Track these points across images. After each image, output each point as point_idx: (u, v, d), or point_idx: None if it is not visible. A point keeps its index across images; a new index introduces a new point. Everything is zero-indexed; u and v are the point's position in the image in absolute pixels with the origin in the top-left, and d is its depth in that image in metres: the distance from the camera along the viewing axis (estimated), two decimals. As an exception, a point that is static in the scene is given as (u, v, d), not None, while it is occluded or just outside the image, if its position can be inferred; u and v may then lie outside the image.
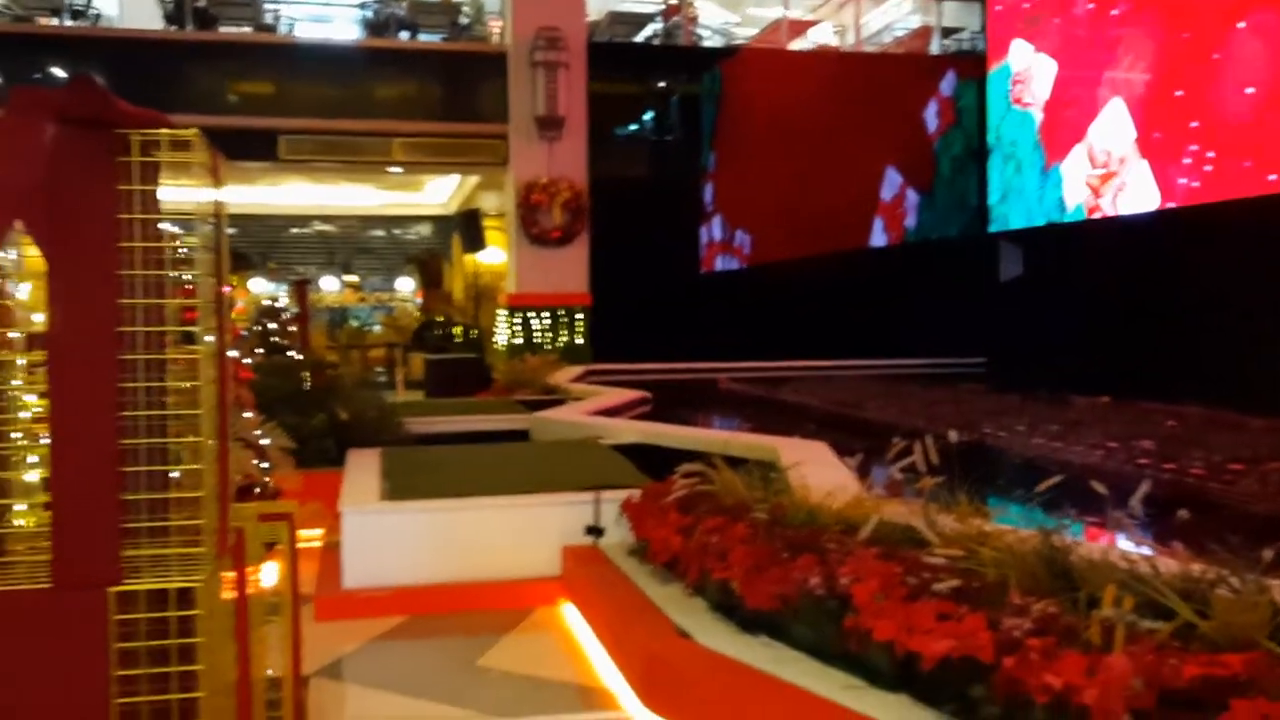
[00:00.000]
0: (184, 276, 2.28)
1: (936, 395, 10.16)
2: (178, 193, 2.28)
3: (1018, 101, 13.09)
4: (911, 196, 14.30)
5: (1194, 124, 10.15)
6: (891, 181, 14.32)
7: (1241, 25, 9.57)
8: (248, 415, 5.78)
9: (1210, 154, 9.94)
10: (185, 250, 2.30)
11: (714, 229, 15.49)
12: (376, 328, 18.67)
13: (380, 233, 20.42)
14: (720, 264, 15.41)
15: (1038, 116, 12.69)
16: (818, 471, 4.69)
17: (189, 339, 2.27)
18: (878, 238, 14.40)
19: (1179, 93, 10.36)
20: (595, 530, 4.79)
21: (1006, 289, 14.04)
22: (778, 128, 14.12)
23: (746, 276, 14.77)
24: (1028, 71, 12.88)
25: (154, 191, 2.18)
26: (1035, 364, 12.44)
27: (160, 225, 2.22)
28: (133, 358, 2.08)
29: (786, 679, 2.88)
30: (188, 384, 2.17)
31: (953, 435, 3.93)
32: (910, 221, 14.30)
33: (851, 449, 4.97)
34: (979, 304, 13.90)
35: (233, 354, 4.27)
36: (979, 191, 14.03)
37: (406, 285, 19.98)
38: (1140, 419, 8.09)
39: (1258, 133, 9.39)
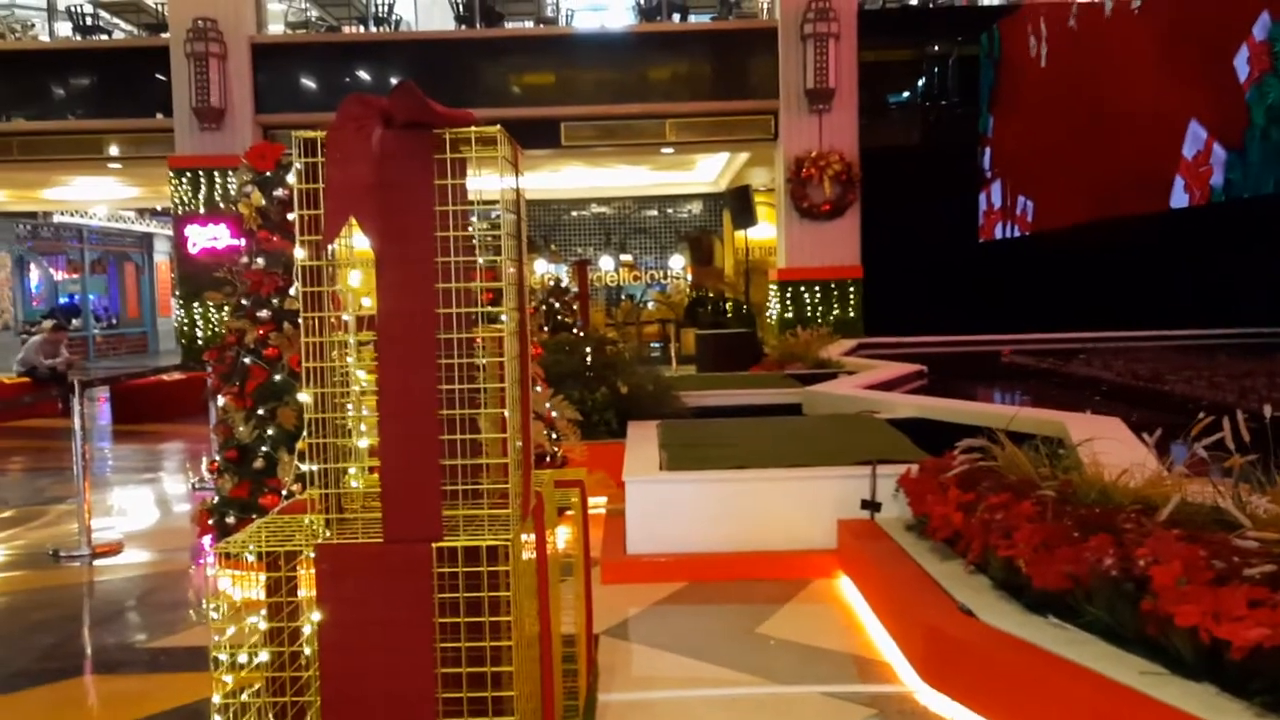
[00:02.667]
0: (489, 261, 2.48)
1: (1248, 367, 9.30)
2: (483, 182, 2.48)
3: (1349, 40, 11.65)
4: (1219, 152, 13.05)
5: None
6: (1195, 136, 13.13)
7: None
8: (538, 389, 6.17)
9: None
10: (490, 236, 2.50)
11: (993, 195, 14.82)
12: (650, 305, 19.22)
13: (653, 212, 20.96)
14: (1000, 232, 14.73)
15: (1375, 55, 11.25)
16: (1111, 449, 4.44)
17: (493, 319, 2.47)
18: (1178, 198, 13.26)
19: None
20: (872, 505, 4.77)
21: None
22: (1062, 86, 13.28)
23: (1030, 244, 14.04)
24: (1362, 5, 11.43)
25: (464, 184, 2.39)
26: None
27: (469, 214, 2.43)
28: (447, 337, 2.29)
29: (1079, 661, 2.78)
30: (495, 360, 2.37)
31: (1268, 410, 3.61)
32: (1217, 179, 13.06)
33: (1150, 425, 4.66)
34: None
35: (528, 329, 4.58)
36: (1301, 144, 12.61)
37: (679, 263, 20.43)
38: None
39: None
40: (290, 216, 2.22)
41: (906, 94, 15.71)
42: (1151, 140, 13.33)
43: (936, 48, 15.28)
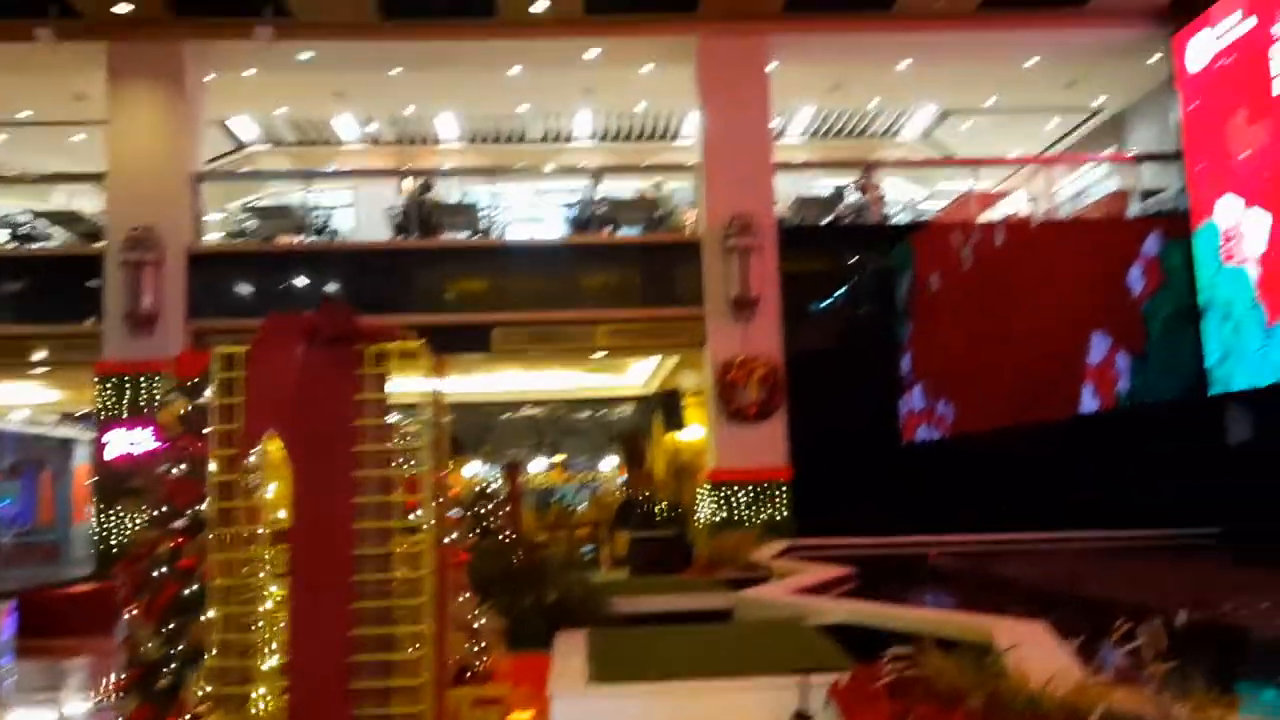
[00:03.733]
0: (408, 469, 2.49)
1: (1166, 569, 9.46)
2: (406, 389, 2.51)
3: (1229, 259, 12.54)
4: (1122, 360, 13.72)
5: None
6: (1099, 345, 13.81)
7: None
8: (463, 598, 6.04)
9: None
10: (410, 443, 2.52)
11: (915, 399, 15.25)
12: (582, 506, 19.11)
13: (585, 414, 21.14)
14: (922, 434, 15.09)
15: (1254, 272, 12.08)
16: (1037, 655, 4.44)
17: (412, 529, 2.46)
18: (1088, 403, 13.80)
19: None
20: (804, 717, 4.67)
21: (1236, 453, 13.06)
22: (974, 297, 13.98)
23: (951, 446, 14.37)
24: (1238, 228, 12.37)
25: (386, 397, 2.43)
26: (1274, 535, 11.42)
27: (389, 424, 2.46)
28: (363, 553, 2.27)
29: None
30: (412, 576, 2.35)
31: (1181, 616, 3.68)
32: (1123, 385, 13.67)
33: (1071, 629, 4.69)
34: (1206, 470, 12.96)
35: (450, 539, 4.51)
36: (1196, 353, 13.33)
37: (610, 464, 20.47)
38: None
39: None
40: (204, 431, 2.25)
41: (828, 302, 16.35)
42: (1061, 348, 13.97)
43: (854, 259, 16.04)
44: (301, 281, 14.29)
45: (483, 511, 10.45)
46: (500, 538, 9.45)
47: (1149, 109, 16.31)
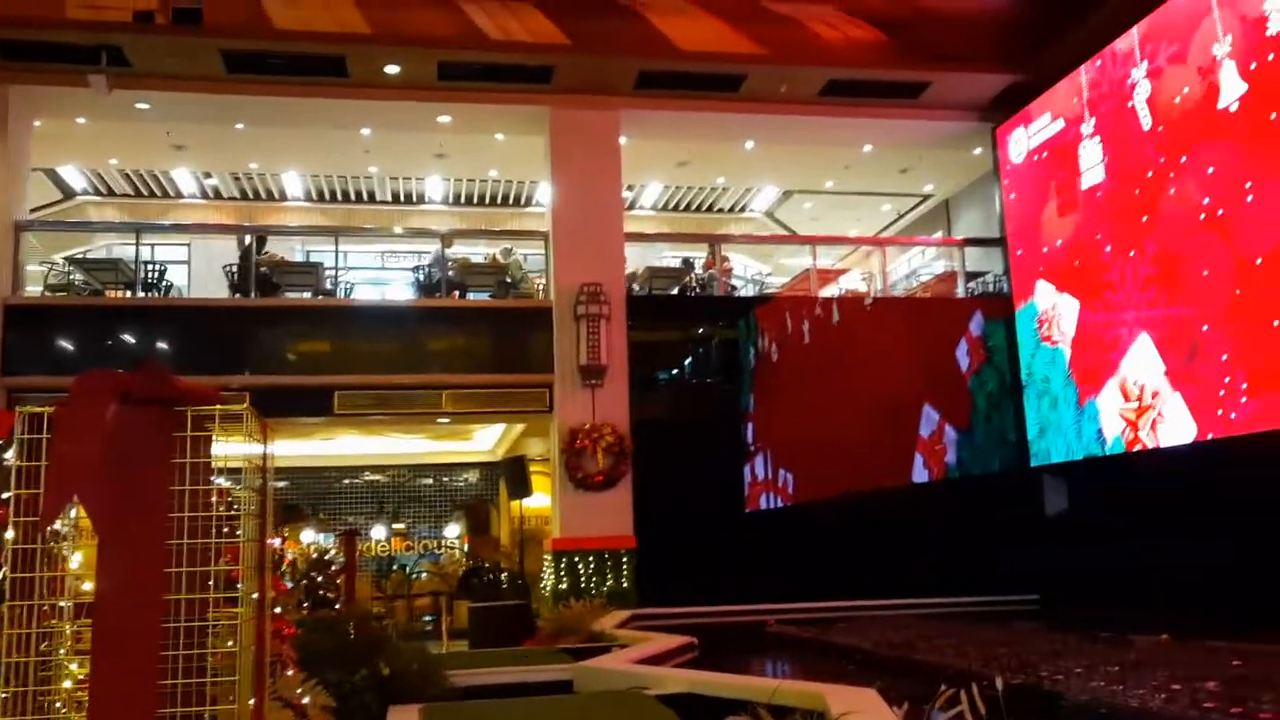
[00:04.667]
0: (230, 537, 2.39)
1: (990, 635, 9.86)
2: (231, 453, 2.42)
3: (1046, 339, 13.38)
4: (950, 433, 14.39)
5: (1224, 357, 10.29)
6: (929, 419, 14.46)
7: (1259, 261, 9.87)
8: (289, 673, 5.76)
9: (1244, 385, 10.02)
10: (233, 510, 2.42)
11: (757, 468, 15.58)
12: (424, 575, 18.62)
13: (429, 481, 20.72)
14: (764, 503, 15.40)
15: (1067, 352, 12.93)
16: (865, 721, 4.55)
17: (232, 600, 2.35)
18: (919, 474, 14.38)
19: (1205, 327, 10.56)
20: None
21: (1053, 523, 13.82)
22: (813, 369, 14.45)
23: (791, 515, 14.71)
24: (1053, 310, 13.24)
25: (206, 462, 2.33)
26: (1089, 600, 12.08)
27: (210, 490, 2.36)
28: (176, 625, 2.16)
29: None
30: (228, 650, 2.25)
31: (999, 681, 3.84)
32: (951, 458, 14.32)
33: (901, 695, 4.83)
34: (1027, 539, 13.66)
35: (276, 610, 4.33)
36: (1017, 427, 14.11)
37: (454, 532, 20.07)
38: (1204, 658, 7.79)
39: (1289, 362, 9.48)
40: (4, 495, 2.10)
41: (675, 371, 16.62)
42: (894, 421, 14.55)
43: (701, 330, 16.39)
44: (130, 338, 13.64)
45: (316, 580, 10.08)
46: (333, 608, 9.11)
47: (975, 196, 17.37)
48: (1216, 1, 10.51)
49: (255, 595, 2.35)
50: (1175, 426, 10.94)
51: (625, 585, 13.69)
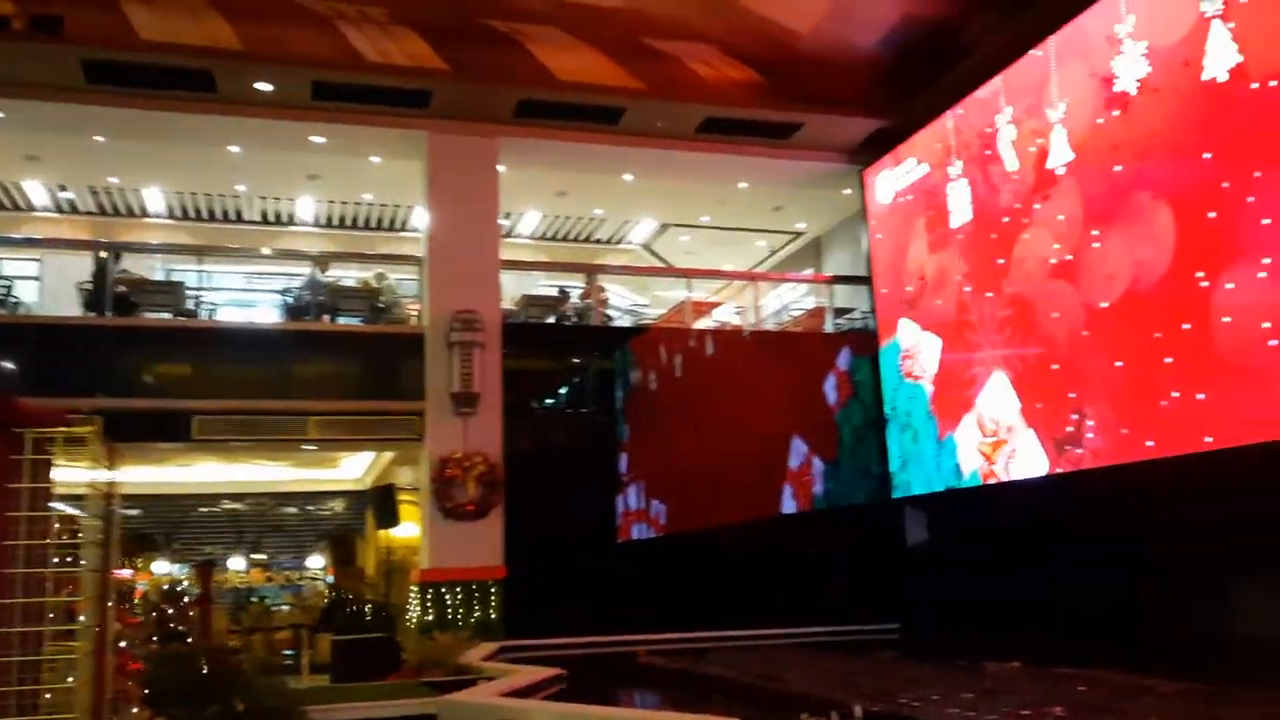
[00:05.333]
0: (72, 566, 2.29)
1: (853, 664, 10.09)
2: (75, 479, 2.32)
3: (909, 375, 13.86)
4: (818, 465, 14.72)
5: (1072, 394, 10.83)
6: (798, 451, 14.77)
7: (1104, 304, 10.44)
8: (134, 710, 5.50)
9: (1090, 422, 10.56)
10: (76, 538, 2.32)
11: (630, 498, 15.62)
12: (285, 608, 18.00)
13: (292, 510, 20.09)
14: (636, 533, 15.43)
15: (928, 389, 13.41)
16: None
17: (68, 634, 2.24)
18: (788, 505, 14.66)
19: (1055, 366, 11.11)
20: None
21: (913, 554, 14.26)
22: (686, 401, 14.61)
23: (663, 545, 14.77)
24: (916, 347, 13.73)
25: (46, 488, 2.23)
26: (946, 629, 12.49)
27: (49, 517, 2.25)
28: (8, 659, 2.05)
29: None
30: (63, 684, 2.14)
31: (858, 710, 3.93)
32: (818, 489, 14.65)
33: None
34: (889, 569, 14.06)
35: (121, 644, 4.14)
36: (880, 459, 14.54)
37: (318, 563, 19.48)
38: (1052, 684, 8.12)
39: (1130, 401, 10.03)
40: None
41: (550, 401, 16.57)
42: (765, 453, 14.81)
43: (576, 360, 16.40)
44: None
45: (167, 613, 9.65)
46: (184, 642, 8.74)
47: (844, 235, 17.91)
48: (1055, 65, 11.14)
49: (97, 628, 2.24)
50: (1028, 461, 11.43)
51: (494, 617, 13.51)
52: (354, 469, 18.50)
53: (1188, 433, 9.33)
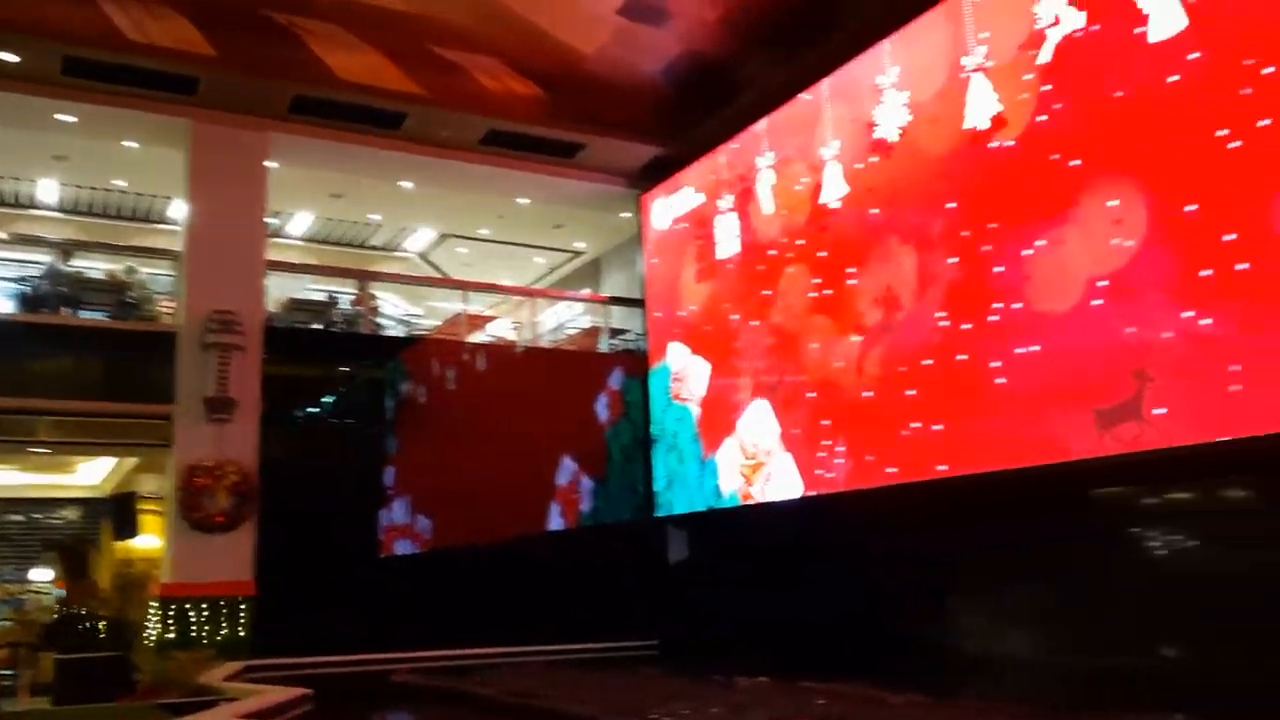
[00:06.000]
0: None
1: (611, 680, 10.21)
2: None
3: (677, 397, 14.24)
4: (586, 483, 14.86)
5: (825, 422, 11.43)
6: (567, 468, 14.87)
7: (856, 339, 11.09)
8: None
9: (840, 448, 11.18)
10: None
11: (394, 513, 15.24)
12: (5, 623, 16.48)
13: (17, 517, 18.44)
14: (399, 548, 15.07)
15: (695, 411, 13.82)
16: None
17: None
18: (555, 522, 14.72)
19: (811, 394, 11.70)
20: None
21: (674, 572, 14.62)
22: (457, 415, 14.43)
23: (428, 562, 14.49)
24: (685, 370, 14.12)
25: None
26: (703, 645, 12.87)
27: None
28: None
29: None
30: None
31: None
32: (585, 507, 14.79)
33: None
34: (652, 586, 14.35)
35: None
36: (646, 478, 14.84)
37: (44, 575, 17.93)
38: (797, 698, 8.52)
39: (876, 429, 10.69)
40: None
41: (314, 410, 15.95)
42: (533, 470, 14.83)
43: (344, 369, 15.88)
44: None
45: None
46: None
47: (622, 257, 18.24)
48: (828, 106, 11.81)
49: None
50: (784, 484, 11.96)
51: (243, 634, 12.84)
52: (93, 475, 17.20)
53: (925, 461, 10.03)
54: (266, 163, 14.14)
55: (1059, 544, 8.90)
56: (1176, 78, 8.03)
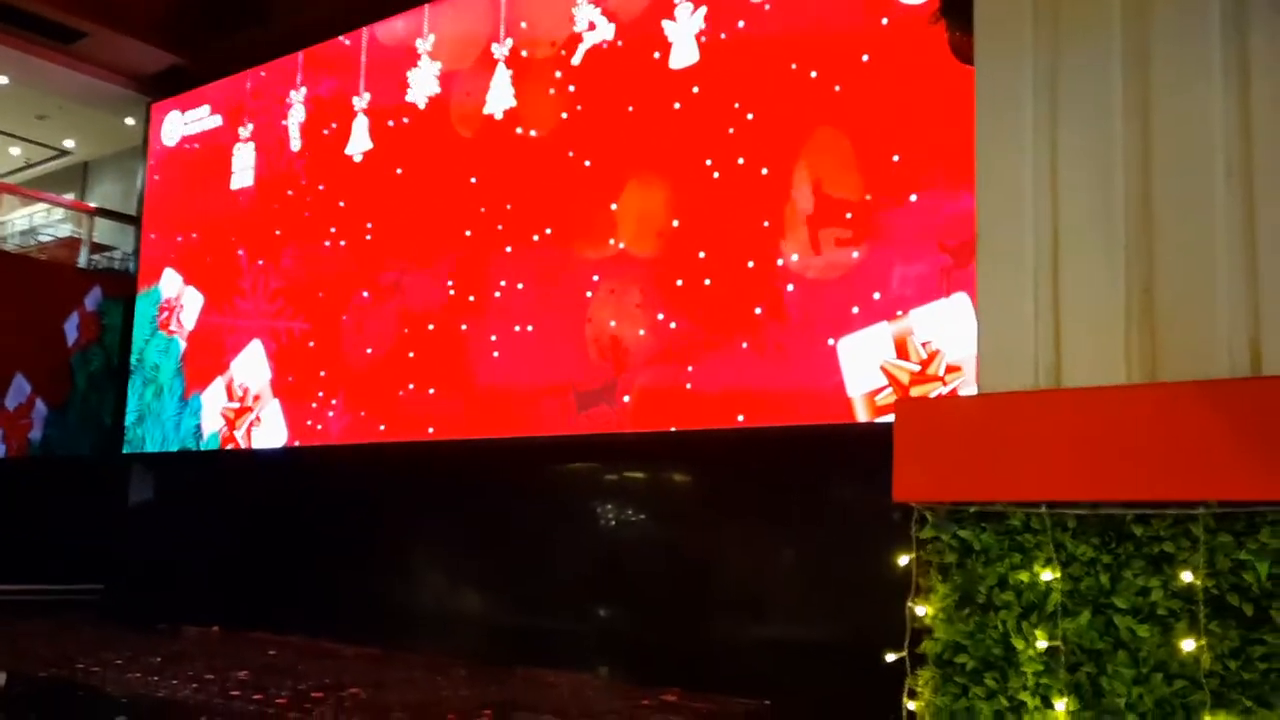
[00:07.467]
0: None
1: (36, 628, 9.26)
2: None
3: (164, 327, 13.20)
4: (41, 408, 13.30)
5: (323, 373, 11.25)
6: (19, 390, 13.19)
7: (365, 295, 11.04)
8: None
9: (334, 401, 11.06)
10: None
11: None
12: None
13: None
14: None
15: (183, 345, 12.92)
16: None
17: None
18: (-2, 450, 13.01)
19: (312, 343, 11.45)
20: None
21: (134, 513, 13.54)
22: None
23: None
24: (177, 300, 13.13)
25: None
26: (157, 592, 12.10)
27: None
28: None
29: None
30: None
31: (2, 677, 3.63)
32: (36, 434, 13.24)
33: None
34: (105, 527, 13.19)
35: None
36: (115, 411, 13.61)
37: None
38: (247, 649, 8.31)
39: (373, 387, 10.74)
40: None
41: None
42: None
43: None
44: None
45: None
46: None
47: (119, 167, 16.50)
48: (365, 55, 11.61)
49: None
50: (270, 431, 11.58)
51: None
52: None
53: (415, 423, 10.25)
54: None
55: (522, 510, 9.52)
56: (679, 105, 8.95)
